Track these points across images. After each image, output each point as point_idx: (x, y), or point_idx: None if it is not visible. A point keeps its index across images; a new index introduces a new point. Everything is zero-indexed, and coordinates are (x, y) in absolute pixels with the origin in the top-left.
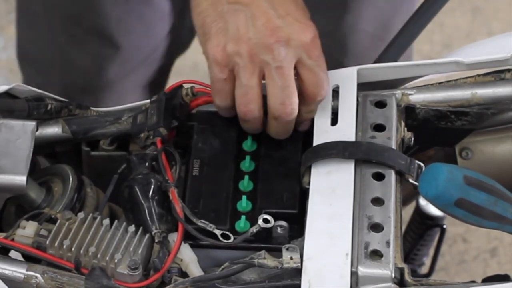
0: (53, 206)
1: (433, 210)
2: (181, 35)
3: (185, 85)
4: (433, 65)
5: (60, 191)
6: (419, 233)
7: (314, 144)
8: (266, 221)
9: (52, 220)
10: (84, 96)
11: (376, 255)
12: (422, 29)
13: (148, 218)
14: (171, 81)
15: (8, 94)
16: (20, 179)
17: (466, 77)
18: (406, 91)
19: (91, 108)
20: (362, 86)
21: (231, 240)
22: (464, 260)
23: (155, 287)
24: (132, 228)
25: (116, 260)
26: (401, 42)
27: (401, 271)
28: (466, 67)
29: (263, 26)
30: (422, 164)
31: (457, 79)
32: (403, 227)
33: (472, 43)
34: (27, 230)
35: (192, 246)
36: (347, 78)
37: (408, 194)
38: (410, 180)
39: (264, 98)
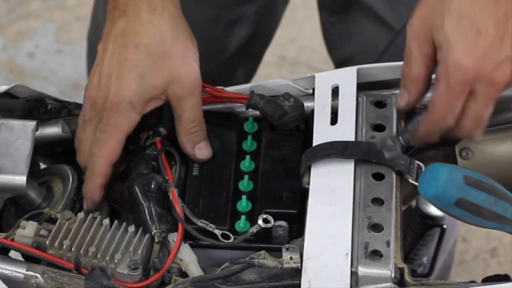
0: (53, 206)
1: (433, 210)
2: None
3: None
4: None
5: (60, 191)
6: (419, 233)
7: (314, 144)
8: (266, 221)
9: (52, 220)
10: None
11: (376, 255)
12: None
13: (148, 218)
14: None
15: (8, 94)
16: (20, 179)
17: None
18: None
19: None
20: (362, 86)
21: (231, 240)
22: (464, 260)
23: (155, 287)
24: (132, 228)
25: (116, 260)
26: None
27: (401, 271)
28: None
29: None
30: (422, 164)
31: None
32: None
33: None
34: (27, 230)
35: (192, 246)
36: (347, 78)
37: (408, 194)
38: (410, 180)
39: None
